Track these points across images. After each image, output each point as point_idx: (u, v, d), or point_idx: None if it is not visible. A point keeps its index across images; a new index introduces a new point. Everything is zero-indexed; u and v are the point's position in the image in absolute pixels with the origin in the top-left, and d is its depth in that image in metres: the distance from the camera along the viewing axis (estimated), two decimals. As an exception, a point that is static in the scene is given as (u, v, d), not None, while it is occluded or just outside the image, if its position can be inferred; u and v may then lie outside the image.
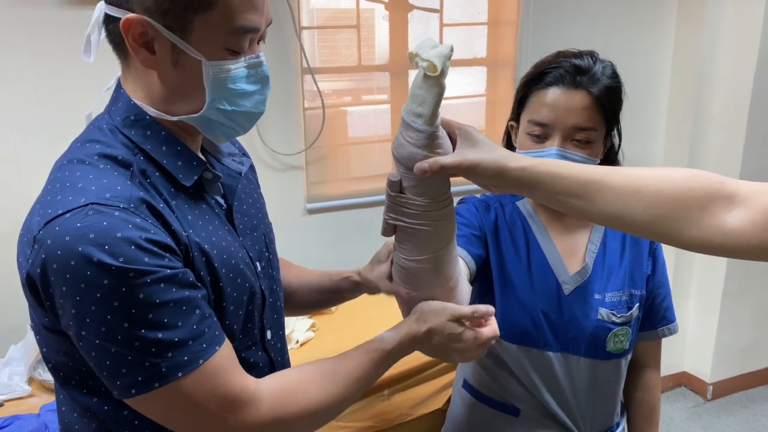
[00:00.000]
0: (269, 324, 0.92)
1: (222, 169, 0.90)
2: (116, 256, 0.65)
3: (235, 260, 0.82)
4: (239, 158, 0.95)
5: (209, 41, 0.74)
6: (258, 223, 0.94)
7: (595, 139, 1.06)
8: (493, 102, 2.66)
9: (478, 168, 0.77)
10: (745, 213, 0.70)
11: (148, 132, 0.78)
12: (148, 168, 0.76)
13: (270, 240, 0.97)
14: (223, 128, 0.81)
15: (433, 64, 0.74)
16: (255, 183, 1.03)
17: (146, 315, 0.67)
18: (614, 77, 1.08)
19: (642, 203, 0.72)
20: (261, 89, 0.81)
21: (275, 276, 0.96)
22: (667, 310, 1.21)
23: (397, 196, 0.84)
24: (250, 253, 0.88)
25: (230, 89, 0.77)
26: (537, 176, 0.76)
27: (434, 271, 0.87)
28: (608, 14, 2.64)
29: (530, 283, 1.13)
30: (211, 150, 0.92)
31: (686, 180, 0.72)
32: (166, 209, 0.74)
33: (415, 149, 0.79)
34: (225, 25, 0.73)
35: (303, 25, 2.22)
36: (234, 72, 0.76)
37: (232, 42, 0.75)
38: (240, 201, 0.91)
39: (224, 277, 0.79)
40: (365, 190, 2.43)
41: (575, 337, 1.11)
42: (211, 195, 0.85)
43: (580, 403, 1.14)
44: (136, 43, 0.73)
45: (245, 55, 0.78)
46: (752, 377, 3.09)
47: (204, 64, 0.74)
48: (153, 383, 0.69)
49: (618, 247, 1.16)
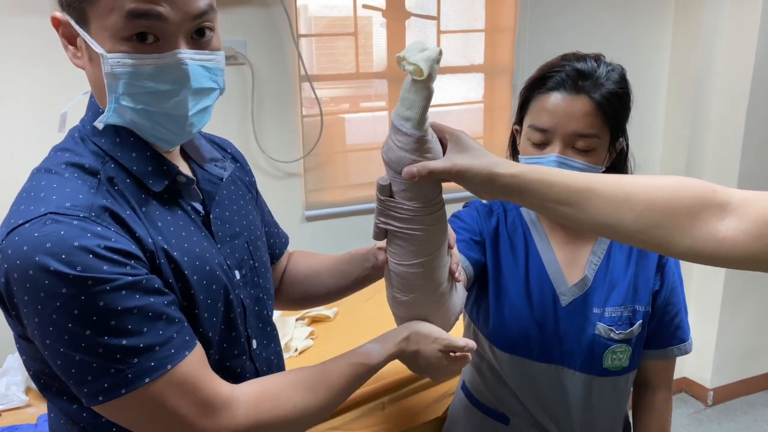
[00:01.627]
0: (254, 333, 0.91)
1: (202, 174, 0.88)
2: (73, 265, 0.65)
3: (210, 266, 0.80)
4: (222, 163, 0.92)
5: (105, 31, 0.69)
6: (241, 231, 0.91)
7: (598, 147, 1.02)
8: (490, 108, 2.66)
9: (467, 174, 0.77)
10: (737, 222, 0.69)
11: (117, 139, 0.77)
12: (118, 175, 0.75)
13: (255, 248, 0.94)
14: (149, 130, 0.77)
15: (420, 68, 0.74)
16: (246, 189, 1.00)
17: (108, 322, 0.67)
18: (620, 82, 1.03)
19: (632, 212, 0.71)
20: (177, 89, 0.73)
21: (262, 284, 0.94)
22: (678, 328, 1.14)
23: (386, 200, 0.83)
24: (228, 261, 0.86)
25: (134, 85, 0.71)
26: (527, 183, 0.75)
27: (425, 276, 0.86)
28: (605, 20, 2.65)
29: (526, 291, 1.10)
30: (193, 156, 0.90)
31: (677, 188, 0.71)
32: (132, 216, 0.73)
33: (403, 153, 0.79)
34: (116, 11, 0.68)
35: (301, 33, 2.22)
36: (138, 67, 0.70)
37: (127, 29, 0.69)
38: (221, 207, 0.89)
39: (196, 283, 0.78)
40: (363, 197, 2.43)
41: (570, 350, 1.08)
42: (188, 201, 0.83)
43: (574, 418, 1.11)
44: (65, 40, 0.74)
45: (161, 51, 0.71)
46: (753, 383, 3.08)
47: (102, 58, 0.70)
48: (120, 389, 0.68)
49: (623, 260, 1.11)
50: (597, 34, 2.65)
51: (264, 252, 0.98)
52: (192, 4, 0.71)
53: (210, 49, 0.76)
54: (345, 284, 1.10)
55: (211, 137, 1.03)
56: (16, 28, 1.79)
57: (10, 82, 1.82)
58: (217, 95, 0.81)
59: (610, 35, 2.67)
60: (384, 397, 1.70)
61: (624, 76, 1.06)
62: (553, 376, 1.10)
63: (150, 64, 0.71)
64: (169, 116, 0.75)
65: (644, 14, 2.72)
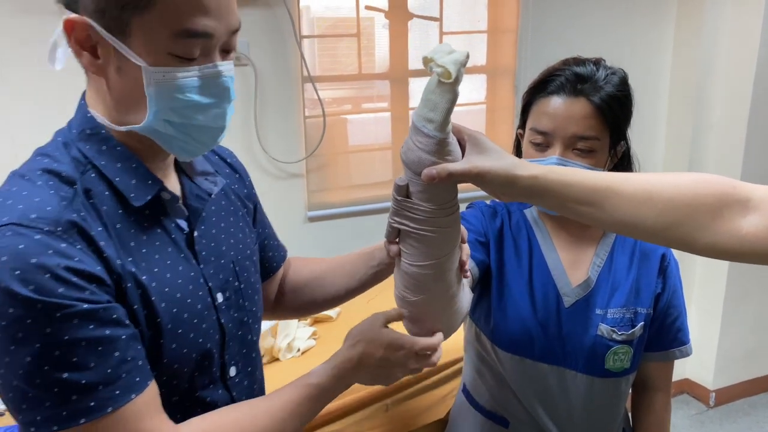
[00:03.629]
0: (233, 360, 0.85)
1: (191, 188, 0.83)
2: (26, 284, 0.60)
3: (182, 293, 0.75)
4: (213, 178, 0.87)
5: (150, 45, 0.67)
6: (227, 250, 0.86)
7: (598, 149, 1.03)
8: (492, 109, 2.66)
9: (487, 176, 0.76)
10: (760, 219, 0.69)
11: (104, 147, 0.73)
12: (97, 187, 0.71)
13: (242, 268, 0.88)
14: (178, 143, 0.74)
15: (448, 71, 0.73)
16: (240, 204, 0.95)
17: (52, 352, 0.62)
18: (620, 85, 1.05)
19: (654, 210, 0.71)
20: (218, 102, 0.74)
21: (247, 307, 0.88)
22: (679, 331, 1.15)
23: (403, 200, 0.83)
24: (211, 282, 0.81)
25: (178, 99, 0.70)
26: (547, 184, 0.75)
27: (436, 278, 0.86)
28: (607, 21, 2.65)
29: (529, 292, 1.11)
30: (185, 168, 0.85)
31: (698, 185, 0.71)
32: (103, 234, 0.68)
33: (424, 154, 0.78)
34: (167, 28, 0.66)
35: (303, 34, 2.23)
36: (182, 80, 0.69)
37: (178, 47, 0.68)
38: (208, 224, 0.84)
39: (163, 312, 0.72)
40: (366, 198, 2.43)
41: (572, 351, 1.09)
42: (172, 218, 0.78)
43: (575, 420, 1.11)
44: (79, 47, 0.69)
45: (200, 63, 0.70)
46: (754, 384, 3.08)
47: (144, 70, 0.68)
48: (51, 425, 0.63)
49: (625, 263, 1.12)
50: (599, 35, 2.65)
51: (253, 273, 0.93)
52: (233, 20, 0.73)
53: (230, 59, 0.76)
54: (352, 286, 1.05)
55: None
56: (20, 29, 1.79)
57: (12, 82, 1.82)
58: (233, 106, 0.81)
59: (612, 36, 2.67)
60: (387, 399, 1.70)
61: (625, 79, 1.07)
62: (554, 377, 1.10)
63: (193, 76, 0.70)
64: (206, 129, 0.74)
65: (646, 15, 2.72)
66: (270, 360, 1.82)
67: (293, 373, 1.85)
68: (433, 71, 0.75)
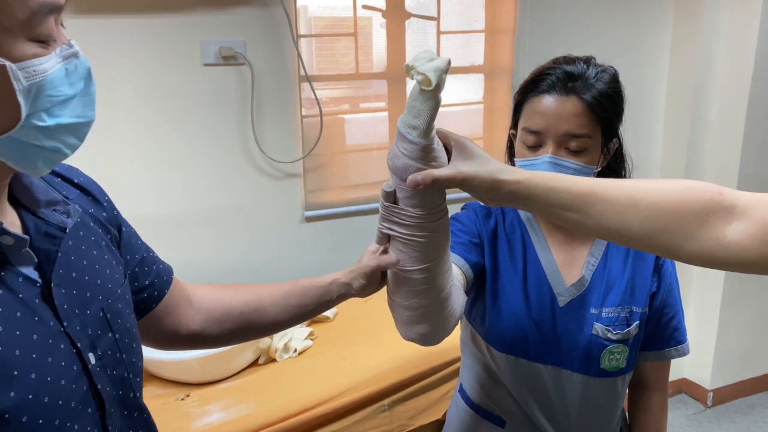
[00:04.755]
0: (117, 427, 0.70)
1: (37, 226, 0.65)
2: None
3: (37, 374, 0.58)
4: (64, 207, 0.69)
5: (6, 35, 0.53)
6: (94, 295, 0.69)
7: (590, 147, 1.03)
8: (490, 109, 2.66)
9: (472, 181, 0.76)
10: (745, 226, 0.68)
11: None
12: None
13: (115, 314, 0.72)
14: (44, 153, 0.59)
15: (428, 78, 0.73)
16: (103, 231, 0.77)
17: None
18: (611, 83, 1.04)
19: (638, 217, 0.71)
20: (85, 88, 0.61)
21: (126, 360, 0.72)
22: (675, 330, 1.14)
23: (391, 206, 0.83)
24: (79, 342, 0.64)
25: (50, 97, 0.57)
26: (532, 189, 0.75)
27: (427, 282, 0.86)
28: (605, 21, 2.65)
29: (524, 292, 1.11)
30: (23, 199, 0.66)
31: (683, 192, 0.71)
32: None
33: (409, 161, 0.78)
34: (20, 6, 0.53)
35: (301, 33, 2.22)
36: (51, 73, 0.56)
37: (40, 28, 0.55)
38: (66, 267, 0.67)
39: (14, 402, 0.56)
40: (363, 198, 2.43)
41: (568, 351, 1.09)
42: (15, 270, 0.61)
43: (571, 420, 1.11)
44: None
45: (54, 46, 0.57)
46: (752, 384, 3.08)
47: (10, 70, 0.53)
48: None
49: (620, 261, 1.12)
50: (597, 35, 2.65)
51: (128, 315, 0.76)
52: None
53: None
54: (298, 313, 0.97)
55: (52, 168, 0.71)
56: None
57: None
58: None
59: (609, 36, 2.67)
60: (385, 400, 1.70)
61: (615, 77, 1.07)
62: (550, 376, 1.10)
63: (58, 64, 0.57)
64: (76, 126, 0.61)
65: (644, 15, 2.72)
66: (267, 361, 1.82)
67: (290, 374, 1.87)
68: (414, 79, 0.75)
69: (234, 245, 2.22)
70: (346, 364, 1.77)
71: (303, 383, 1.68)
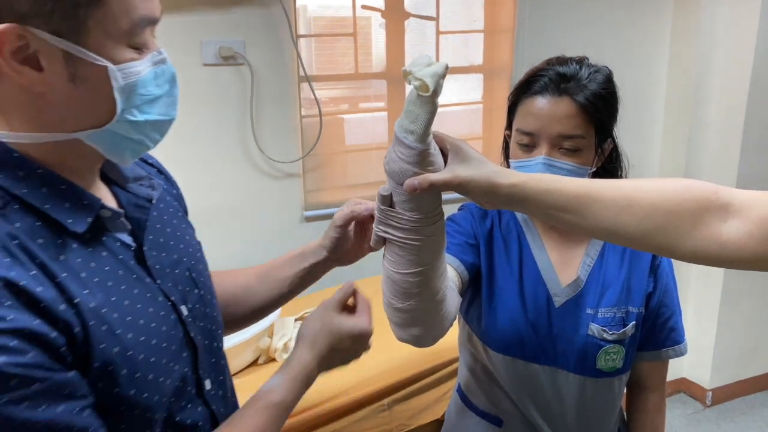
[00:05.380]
0: (206, 373, 0.81)
1: (127, 198, 0.75)
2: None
3: (145, 320, 0.69)
4: (149, 181, 0.80)
5: (110, 41, 0.62)
6: (180, 257, 0.80)
7: (584, 147, 1.03)
8: (489, 109, 2.66)
9: (468, 185, 0.77)
10: (740, 225, 0.68)
11: (20, 173, 0.63)
12: (24, 221, 0.62)
13: (198, 273, 0.83)
14: (131, 145, 0.69)
15: (426, 84, 0.73)
16: (174, 204, 0.88)
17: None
18: (605, 83, 1.04)
19: (635, 217, 0.71)
20: (170, 90, 0.70)
21: (210, 314, 0.83)
22: (672, 330, 1.14)
23: (387, 209, 0.83)
24: (172, 297, 0.75)
25: (141, 96, 0.66)
26: (528, 192, 0.75)
27: (422, 284, 0.86)
28: (604, 20, 2.65)
29: (520, 292, 1.11)
30: (113, 176, 0.77)
31: (679, 191, 0.71)
32: (40, 279, 0.60)
33: (406, 165, 0.79)
34: (126, 18, 0.62)
35: (300, 33, 2.22)
36: (143, 75, 0.65)
37: (136, 38, 0.64)
38: (155, 234, 0.77)
39: (133, 343, 0.66)
40: (362, 197, 2.42)
41: (564, 351, 1.09)
42: (114, 237, 0.71)
43: (568, 420, 1.11)
44: (14, 61, 0.58)
45: (146, 53, 0.66)
46: (751, 383, 3.08)
47: (111, 71, 0.62)
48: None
49: (617, 262, 1.12)
50: (596, 34, 2.65)
51: (207, 276, 0.87)
52: (160, 6, 0.69)
53: None
54: (283, 291, 1.00)
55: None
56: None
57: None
58: None
59: (608, 36, 2.67)
60: (384, 400, 1.70)
61: (609, 77, 1.07)
62: (546, 377, 1.10)
63: (148, 68, 0.66)
64: (160, 123, 0.70)
65: (643, 15, 2.72)
66: (267, 360, 1.82)
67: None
68: (411, 84, 0.75)
69: (233, 245, 2.22)
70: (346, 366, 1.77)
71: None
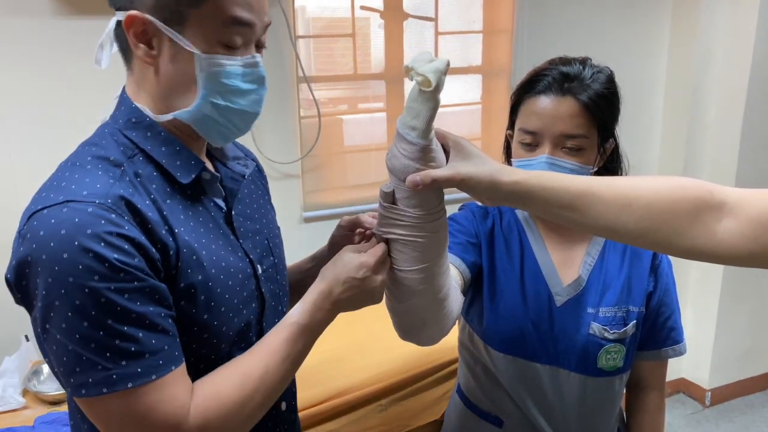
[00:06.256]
0: (269, 327, 0.90)
1: (225, 172, 0.92)
2: (86, 252, 0.67)
3: (226, 263, 0.83)
4: (244, 161, 0.97)
5: (203, 34, 0.76)
6: (261, 228, 0.95)
7: (587, 147, 1.04)
8: (488, 110, 2.66)
9: (470, 182, 0.77)
10: (734, 224, 0.70)
11: (148, 133, 0.81)
12: (145, 168, 0.79)
13: (275, 245, 0.98)
14: (218, 127, 0.82)
15: (428, 80, 0.74)
16: (263, 189, 1.05)
17: (105, 320, 0.68)
18: (608, 83, 1.05)
19: (633, 216, 0.73)
20: (257, 89, 0.84)
21: (280, 281, 0.97)
22: (672, 330, 1.15)
23: (389, 207, 0.83)
24: (251, 255, 0.89)
25: (224, 84, 0.79)
26: (529, 189, 0.76)
27: (425, 282, 0.86)
28: (603, 21, 2.66)
29: (521, 291, 1.11)
30: (217, 155, 0.94)
31: (675, 190, 0.73)
32: (151, 207, 0.75)
33: (408, 161, 0.79)
34: (218, 17, 0.75)
35: (299, 34, 2.22)
36: (228, 68, 0.78)
37: (225, 36, 0.77)
38: (243, 204, 0.93)
39: (214, 276, 0.80)
40: (362, 198, 2.43)
41: (565, 350, 1.09)
42: (210, 197, 0.86)
43: (569, 419, 1.12)
44: (137, 39, 0.77)
45: (242, 54, 0.80)
46: (750, 383, 3.09)
47: (197, 57, 0.76)
48: (102, 388, 0.69)
49: (617, 261, 1.13)
50: (594, 35, 2.65)
51: (282, 250, 1.02)
52: (266, 17, 0.83)
53: (262, 54, 0.86)
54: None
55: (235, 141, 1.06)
56: (15, 31, 1.79)
57: (6, 85, 1.82)
58: None
59: (607, 37, 2.68)
60: (383, 400, 1.70)
61: (611, 78, 1.08)
62: (547, 376, 1.10)
63: (236, 65, 0.79)
64: (244, 113, 0.83)
65: (641, 16, 2.72)
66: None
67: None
68: (414, 80, 0.75)
69: (232, 246, 2.21)
70: (345, 366, 1.77)
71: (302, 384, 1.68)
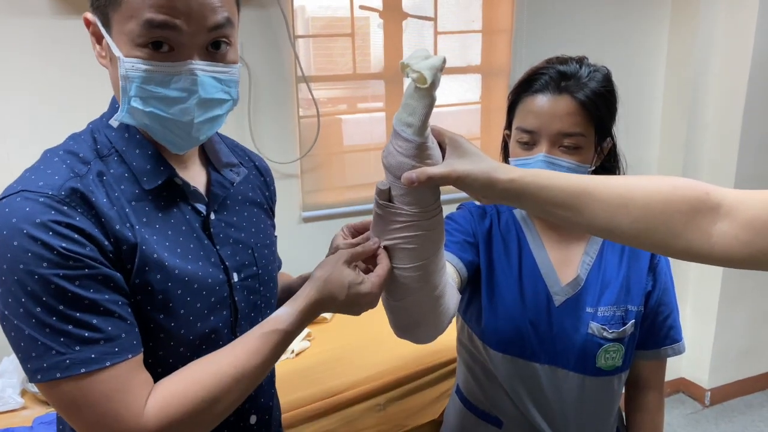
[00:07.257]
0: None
1: (217, 178, 0.91)
2: (34, 241, 0.68)
3: (193, 267, 0.81)
4: (237, 168, 0.95)
5: (123, 36, 0.74)
6: (247, 237, 0.92)
7: (584, 145, 1.04)
8: (487, 109, 2.66)
9: (466, 179, 0.77)
10: (729, 227, 0.70)
11: (126, 134, 0.82)
12: (118, 169, 0.79)
13: (261, 256, 0.94)
14: (162, 134, 0.80)
15: (423, 76, 0.74)
16: (262, 198, 1.01)
17: (57, 306, 0.69)
18: (604, 82, 1.05)
19: (629, 217, 0.72)
20: (185, 97, 0.77)
21: (262, 292, 0.93)
22: (671, 329, 1.15)
23: (385, 204, 0.83)
24: (227, 262, 0.87)
25: (146, 90, 0.75)
26: (525, 187, 0.76)
27: (421, 280, 0.86)
28: (602, 21, 2.66)
29: (519, 291, 1.11)
30: (213, 160, 0.93)
31: (671, 191, 0.72)
32: (107, 204, 0.75)
33: (404, 158, 0.79)
34: (134, 19, 0.73)
35: (298, 34, 2.22)
36: (149, 73, 0.75)
37: (142, 38, 0.73)
38: (230, 211, 0.91)
39: (175, 279, 0.79)
40: (360, 198, 2.43)
41: (564, 350, 1.09)
42: (191, 202, 0.85)
43: (569, 419, 1.11)
44: (94, 39, 0.79)
45: (175, 59, 0.75)
46: (750, 383, 3.09)
47: (119, 60, 0.74)
48: (55, 373, 0.69)
49: (615, 261, 1.13)
50: (594, 35, 2.65)
51: (271, 261, 0.98)
52: (208, 18, 0.74)
53: (225, 62, 0.79)
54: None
55: (243, 148, 1.06)
56: (13, 30, 1.79)
57: (6, 83, 1.81)
58: (230, 106, 0.84)
59: (606, 36, 2.68)
60: (381, 399, 1.69)
61: (608, 76, 1.08)
62: (546, 375, 1.10)
63: (162, 71, 0.75)
64: (176, 122, 0.79)
65: (641, 16, 2.72)
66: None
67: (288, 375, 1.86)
68: (409, 77, 0.75)
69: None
70: (344, 365, 1.77)
71: (300, 384, 1.68)
